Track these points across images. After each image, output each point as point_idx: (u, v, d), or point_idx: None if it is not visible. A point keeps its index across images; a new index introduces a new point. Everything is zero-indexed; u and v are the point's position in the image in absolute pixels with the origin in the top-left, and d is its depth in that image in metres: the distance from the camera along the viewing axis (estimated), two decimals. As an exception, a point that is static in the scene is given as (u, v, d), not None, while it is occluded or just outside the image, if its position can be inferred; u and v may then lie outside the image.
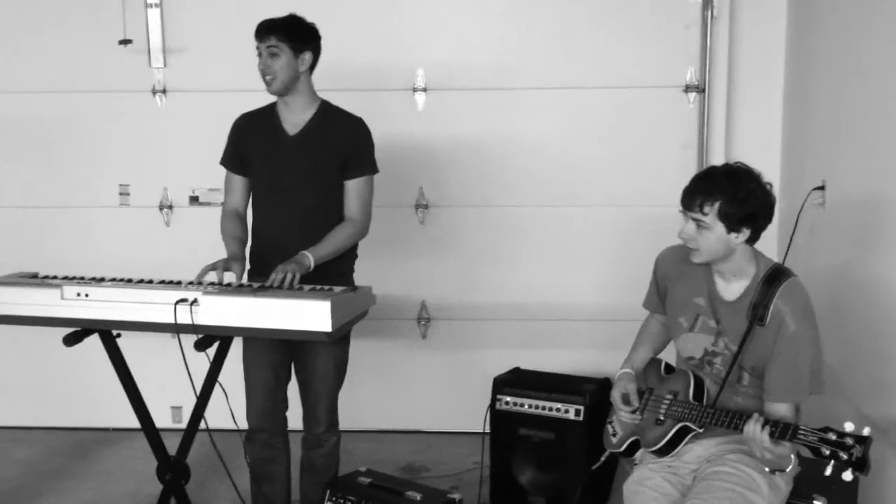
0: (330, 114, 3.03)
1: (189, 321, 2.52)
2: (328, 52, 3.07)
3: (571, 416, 3.33)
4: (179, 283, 2.73)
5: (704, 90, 4.05)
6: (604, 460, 2.81)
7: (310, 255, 2.85)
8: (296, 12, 2.97)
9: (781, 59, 4.04)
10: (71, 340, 2.66)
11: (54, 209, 4.32)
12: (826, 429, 2.05)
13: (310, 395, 3.07)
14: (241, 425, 2.95)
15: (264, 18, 2.93)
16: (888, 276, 2.82)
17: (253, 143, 3.04)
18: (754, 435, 2.15)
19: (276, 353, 3.01)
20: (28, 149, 4.30)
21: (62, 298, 2.61)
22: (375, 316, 3.07)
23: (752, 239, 2.34)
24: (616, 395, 2.58)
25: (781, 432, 2.12)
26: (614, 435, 2.65)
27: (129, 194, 4.29)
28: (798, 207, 3.55)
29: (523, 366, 3.76)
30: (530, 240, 4.24)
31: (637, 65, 4.07)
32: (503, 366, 3.72)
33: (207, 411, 2.78)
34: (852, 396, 2.98)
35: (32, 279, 2.83)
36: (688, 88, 4.08)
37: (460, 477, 3.82)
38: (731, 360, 2.39)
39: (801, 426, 2.10)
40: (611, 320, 4.12)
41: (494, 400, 3.47)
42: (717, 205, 2.27)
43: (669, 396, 2.48)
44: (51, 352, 3.23)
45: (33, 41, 4.20)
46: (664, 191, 4.07)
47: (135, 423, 2.82)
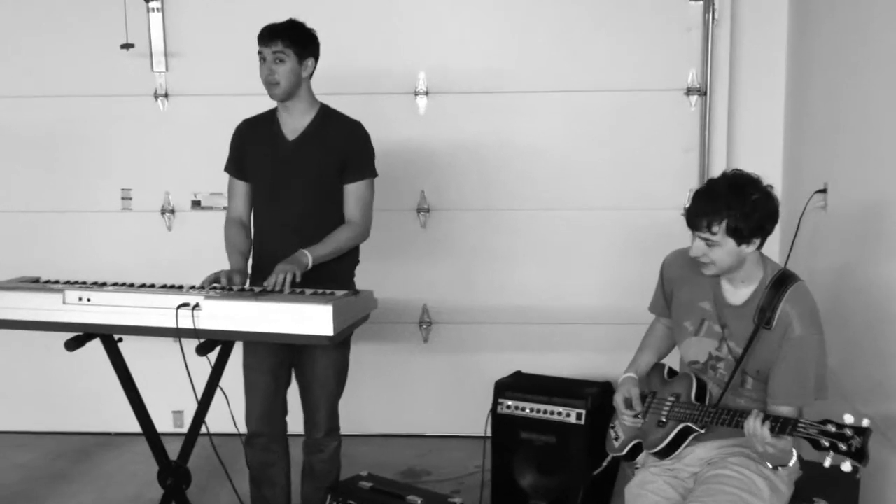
0: (329, 117, 3.02)
1: (191, 325, 2.51)
2: (330, 57, 3.07)
3: (573, 419, 3.33)
4: (181, 287, 2.73)
5: (706, 93, 4.04)
6: (606, 465, 2.80)
7: (308, 254, 2.85)
8: (298, 17, 2.96)
9: (783, 61, 4.04)
10: (72, 345, 2.65)
11: (56, 213, 4.32)
12: (825, 421, 2.07)
13: (310, 400, 3.07)
14: (242, 430, 2.95)
15: (267, 23, 2.91)
16: (889, 279, 2.81)
17: (253, 148, 3.04)
18: (755, 430, 2.16)
19: (275, 357, 3.01)
20: (30, 153, 4.30)
21: (64, 303, 2.61)
22: (377, 320, 3.08)
23: (761, 244, 2.35)
24: (619, 399, 2.58)
25: (782, 426, 2.13)
26: (616, 439, 2.65)
27: (130, 198, 4.29)
28: (800, 210, 3.54)
29: (525, 369, 3.76)
30: (532, 243, 4.23)
31: (638, 68, 4.07)
32: (504, 369, 3.73)
33: (208, 415, 2.77)
34: (853, 398, 2.97)
35: (34, 284, 2.84)
36: (689, 91, 4.07)
37: (462, 481, 3.81)
38: (734, 364, 2.39)
39: (801, 420, 2.12)
40: (612, 324, 4.12)
41: (496, 404, 3.47)
42: (724, 223, 2.26)
43: (671, 398, 2.48)
44: (52, 356, 3.23)
45: (35, 45, 4.20)
46: (666, 194, 4.09)
47: (136, 427, 2.82)
